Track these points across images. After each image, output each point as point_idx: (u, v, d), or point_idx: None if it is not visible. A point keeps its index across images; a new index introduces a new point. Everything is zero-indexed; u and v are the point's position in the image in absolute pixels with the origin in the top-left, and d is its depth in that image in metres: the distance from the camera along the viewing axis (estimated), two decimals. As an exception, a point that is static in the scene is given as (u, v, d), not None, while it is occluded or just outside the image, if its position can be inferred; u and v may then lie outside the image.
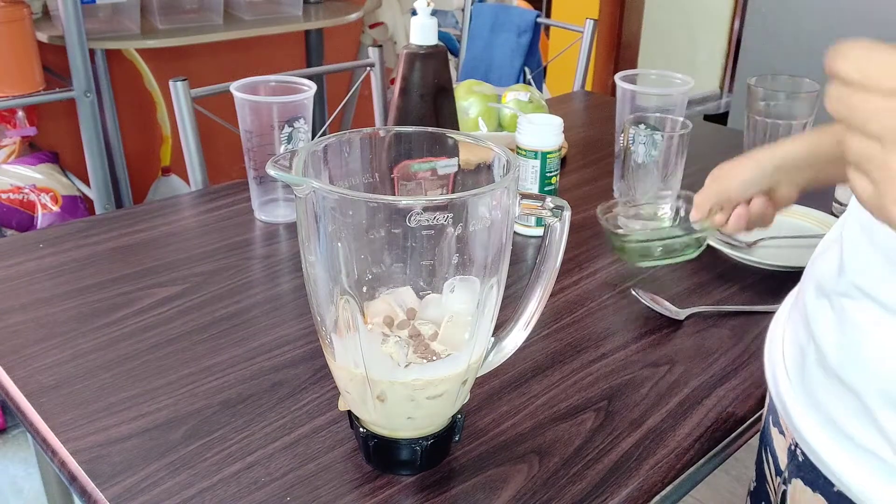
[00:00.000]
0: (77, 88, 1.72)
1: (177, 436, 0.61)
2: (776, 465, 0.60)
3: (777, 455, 0.60)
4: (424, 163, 0.59)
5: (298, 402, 0.66)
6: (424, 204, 0.47)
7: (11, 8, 1.63)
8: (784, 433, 0.58)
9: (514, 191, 0.52)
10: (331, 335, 0.54)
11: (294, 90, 0.97)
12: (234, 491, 0.56)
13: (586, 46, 1.74)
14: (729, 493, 1.69)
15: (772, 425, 0.61)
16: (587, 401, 0.68)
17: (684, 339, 0.78)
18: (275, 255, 0.91)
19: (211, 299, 0.81)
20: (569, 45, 1.88)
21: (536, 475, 0.59)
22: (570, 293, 0.85)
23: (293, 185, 0.49)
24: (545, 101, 1.28)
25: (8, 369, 0.68)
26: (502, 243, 0.52)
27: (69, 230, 0.94)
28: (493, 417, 0.65)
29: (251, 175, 0.98)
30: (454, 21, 2.89)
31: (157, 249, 0.91)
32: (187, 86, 1.17)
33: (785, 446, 0.58)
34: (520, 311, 0.58)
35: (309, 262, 0.52)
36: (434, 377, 0.53)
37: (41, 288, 0.81)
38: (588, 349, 0.75)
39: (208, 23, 2.06)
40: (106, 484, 0.56)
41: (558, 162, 0.97)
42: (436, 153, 0.59)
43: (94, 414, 0.63)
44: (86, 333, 0.74)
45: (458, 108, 1.20)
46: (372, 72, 1.48)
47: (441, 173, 0.61)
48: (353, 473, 0.59)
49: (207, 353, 0.72)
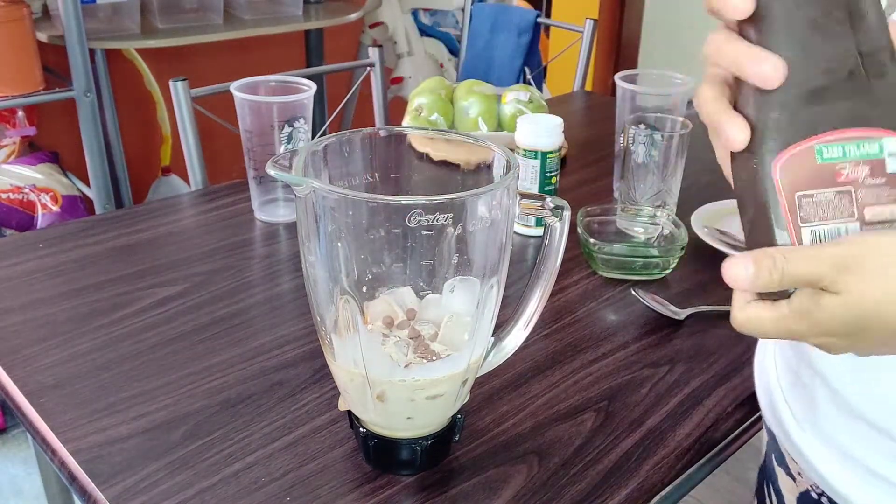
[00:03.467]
0: (77, 88, 1.72)
1: (176, 436, 0.61)
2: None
3: (784, 496, 0.59)
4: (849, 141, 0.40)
5: (298, 402, 0.66)
6: (424, 204, 0.47)
7: (11, 8, 1.63)
8: (793, 477, 0.57)
9: (514, 191, 0.52)
10: (331, 335, 0.54)
11: (294, 90, 0.97)
12: (233, 491, 0.56)
13: (586, 46, 1.74)
14: (729, 493, 1.69)
15: (776, 464, 0.60)
16: (587, 401, 0.68)
17: (684, 339, 0.78)
18: (275, 255, 0.91)
19: (211, 299, 0.81)
20: (569, 45, 1.88)
21: (536, 475, 0.59)
22: (570, 293, 0.85)
23: (293, 185, 0.49)
24: (545, 101, 1.28)
25: (8, 369, 0.68)
26: (502, 243, 0.52)
27: (69, 230, 0.94)
28: (493, 417, 0.65)
29: (251, 175, 0.98)
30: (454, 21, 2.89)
31: (157, 249, 0.91)
32: (187, 86, 1.17)
33: (795, 491, 0.57)
34: (520, 311, 0.58)
35: (309, 262, 0.52)
36: (434, 377, 0.53)
37: (41, 288, 0.81)
38: (588, 349, 0.75)
39: (208, 23, 2.06)
40: (106, 484, 0.56)
41: (558, 162, 0.97)
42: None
43: (94, 414, 0.63)
44: (85, 333, 0.74)
45: (458, 108, 1.20)
46: (372, 72, 1.48)
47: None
48: (353, 473, 0.59)
49: (207, 353, 0.72)
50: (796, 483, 0.57)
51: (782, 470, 0.59)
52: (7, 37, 1.63)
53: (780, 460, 0.59)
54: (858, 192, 0.40)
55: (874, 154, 0.39)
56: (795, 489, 0.57)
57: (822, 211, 0.40)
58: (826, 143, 0.39)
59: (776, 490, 0.60)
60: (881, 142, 0.39)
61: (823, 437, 0.52)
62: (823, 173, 0.39)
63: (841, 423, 0.50)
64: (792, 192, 0.40)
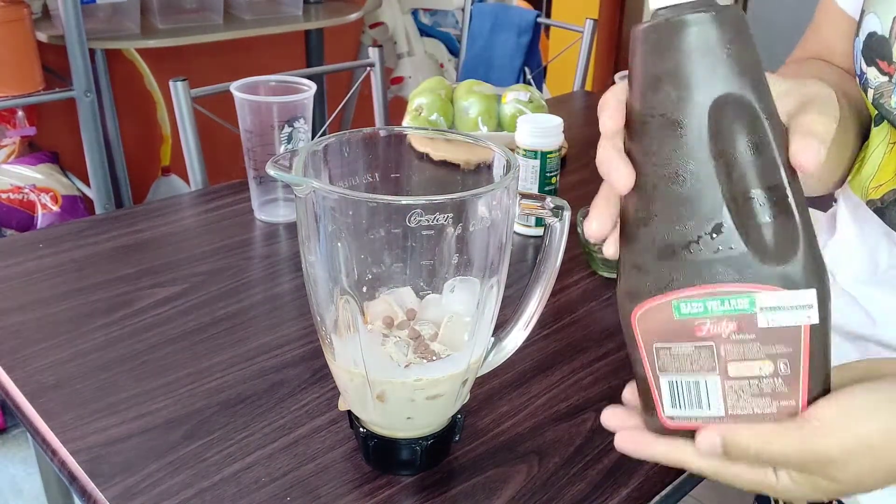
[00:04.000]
0: (77, 88, 1.72)
1: (176, 436, 0.61)
2: None
3: None
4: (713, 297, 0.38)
5: (298, 402, 0.66)
6: (424, 204, 0.47)
7: (11, 8, 1.63)
8: None
9: (514, 191, 0.52)
10: (331, 335, 0.54)
11: (294, 90, 0.97)
12: (233, 491, 0.56)
13: (586, 46, 1.74)
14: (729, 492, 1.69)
15: None
16: (587, 401, 0.68)
17: (684, 339, 0.77)
18: (275, 255, 0.91)
19: (211, 299, 0.81)
20: (569, 45, 1.88)
21: (536, 475, 0.59)
22: (570, 293, 0.85)
23: (293, 185, 0.49)
24: (545, 101, 1.28)
25: (8, 369, 0.68)
26: (502, 243, 0.52)
27: (69, 230, 0.94)
28: (493, 417, 0.65)
29: (251, 175, 0.98)
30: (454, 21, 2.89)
31: (157, 249, 0.91)
32: (187, 86, 1.17)
33: None
34: (520, 311, 0.58)
35: (309, 262, 0.52)
36: (434, 377, 0.53)
37: (41, 288, 0.81)
38: (588, 349, 0.75)
39: (208, 23, 2.06)
40: (106, 484, 0.56)
41: (558, 162, 0.97)
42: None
43: (94, 414, 0.63)
44: (85, 333, 0.74)
45: (458, 108, 1.20)
46: (372, 72, 1.48)
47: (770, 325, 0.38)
48: (353, 473, 0.59)
49: (207, 353, 0.72)
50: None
51: None
52: (7, 37, 1.63)
53: None
54: (722, 346, 0.37)
55: (742, 309, 0.37)
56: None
57: (678, 363, 0.38)
58: (685, 298, 0.37)
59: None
60: (753, 297, 0.36)
61: None
62: (682, 328, 0.38)
63: None
64: (650, 343, 0.39)
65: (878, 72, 0.49)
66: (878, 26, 0.49)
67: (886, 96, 0.49)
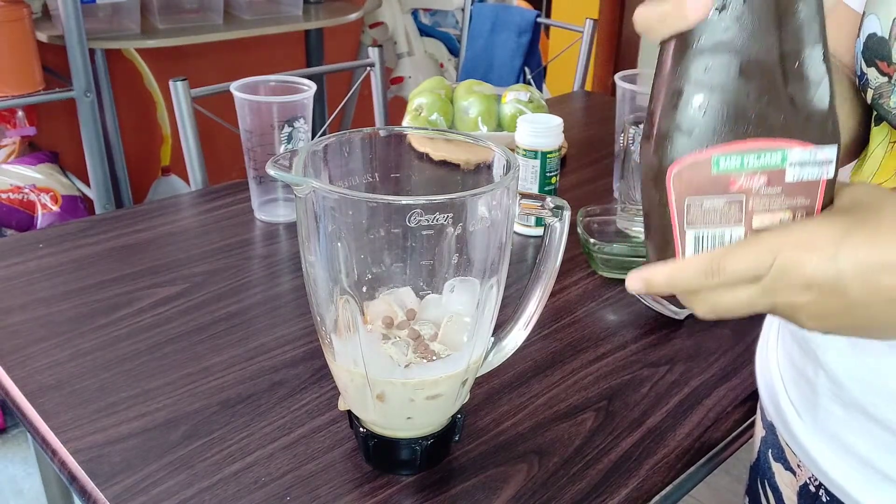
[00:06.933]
0: (77, 88, 1.72)
1: (176, 436, 0.61)
2: (780, 502, 0.59)
3: (782, 491, 0.59)
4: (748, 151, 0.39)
5: (298, 402, 0.66)
6: (424, 204, 0.47)
7: (11, 8, 1.63)
8: (793, 470, 0.57)
9: (514, 191, 0.52)
10: (331, 335, 0.54)
11: (294, 90, 0.97)
12: (233, 491, 0.56)
13: (586, 46, 1.74)
14: (729, 492, 1.69)
15: (773, 460, 0.60)
16: (587, 401, 0.68)
17: (684, 339, 0.78)
18: (275, 255, 0.91)
19: (211, 299, 0.81)
20: (569, 45, 1.88)
21: (536, 475, 0.59)
22: (570, 293, 0.85)
23: (293, 185, 0.49)
24: (545, 101, 1.28)
25: (8, 369, 0.68)
26: (502, 243, 0.52)
27: (69, 230, 0.94)
28: (493, 417, 0.65)
29: (251, 175, 0.98)
30: (454, 21, 2.89)
31: (157, 249, 0.91)
32: (187, 86, 1.17)
33: (795, 485, 0.57)
34: (520, 311, 0.58)
35: (309, 262, 0.52)
36: (434, 377, 0.53)
37: (41, 288, 0.81)
38: (588, 349, 0.75)
39: (208, 23, 2.06)
40: (106, 484, 0.56)
41: (558, 162, 0.97)
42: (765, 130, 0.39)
43: (94, 414, 0.63)
44: (85, 333, 0.74)
45: (458, 108, 1.20)
46: (372, 72, 1.48)
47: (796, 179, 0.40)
48: (353, 473, 0.59)
49: (207, 353, 0.72)
50: (796, 476, 0.57)
51: (780, 465, 0.59)
52: (7, 37, 1.63)
53: (777, 455, 0.60)
54: (751, 200, 0.40)
55: (775, 164, 0.39)
56: (795, 483, 0.57)
57: (708, 217, 0.40)
58: (724, 153, 0.39)
59: (773, 487, 0.60)
60: (785, 152, 0.39)
61: (823, 429, 0.52)
62: (718, 182, 0.39)
63: (841, 415, 0.50)
64: (682, 198, 0.40)
65: (877, 73, 0.50)
66: (878, 27, 0.49)
67: (886, 97, 0.49)
